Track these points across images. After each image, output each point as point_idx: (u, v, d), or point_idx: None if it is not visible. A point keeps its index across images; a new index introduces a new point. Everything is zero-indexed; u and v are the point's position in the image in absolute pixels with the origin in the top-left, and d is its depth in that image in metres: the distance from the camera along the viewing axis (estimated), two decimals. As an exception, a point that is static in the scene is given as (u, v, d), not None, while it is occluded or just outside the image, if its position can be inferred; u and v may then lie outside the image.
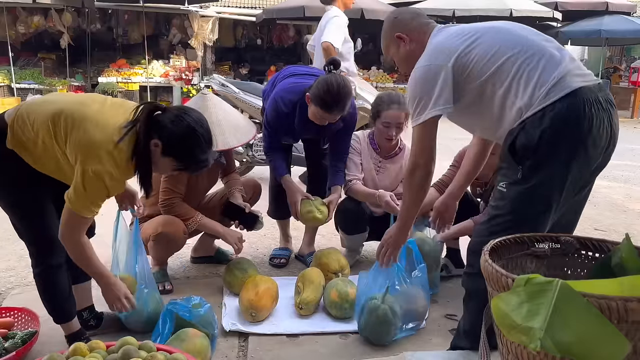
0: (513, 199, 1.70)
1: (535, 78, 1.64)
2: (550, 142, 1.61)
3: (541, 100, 1.62)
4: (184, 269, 2.88)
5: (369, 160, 2.88)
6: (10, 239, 3.29)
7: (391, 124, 2.71)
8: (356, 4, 10.17)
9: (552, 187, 1.65)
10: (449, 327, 2.28)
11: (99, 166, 1.67)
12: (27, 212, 1.85)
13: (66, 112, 1.73)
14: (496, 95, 1.71)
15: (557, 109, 1.59)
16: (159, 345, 1.51)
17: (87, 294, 2.16)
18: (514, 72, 1.67)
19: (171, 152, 1.76)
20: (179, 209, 2.49)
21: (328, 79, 2.45)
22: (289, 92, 2.64)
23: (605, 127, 1.63)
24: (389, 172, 2.90)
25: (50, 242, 1.87)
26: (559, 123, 1.59)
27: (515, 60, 1.67)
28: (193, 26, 11.46)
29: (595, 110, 1.60)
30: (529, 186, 1.66)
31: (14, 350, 1.86)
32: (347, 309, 2.28)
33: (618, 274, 1.26)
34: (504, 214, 1.73)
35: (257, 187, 2.86)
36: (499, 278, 1.15)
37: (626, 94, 12.48)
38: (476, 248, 1.83)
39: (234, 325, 2.21)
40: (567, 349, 0.96)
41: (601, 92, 1.64)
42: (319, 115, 2.51)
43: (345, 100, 2.46)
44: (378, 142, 2.87)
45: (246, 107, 4.89)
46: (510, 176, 1.71)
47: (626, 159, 6.87)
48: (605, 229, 3.80)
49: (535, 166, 1.65)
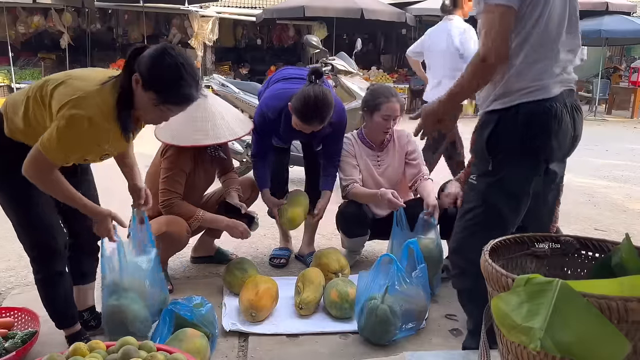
0: (482, 191, 1.77)
1: (532, 72, 1.67)
2: (521, 139, 1.67)
3: (521, 96, 1.67)
4: (184, 269, 2.88)
5: (365, 159, 2.86)
6: (11, 239, 3.29)
7: (390, 117, 2.71)
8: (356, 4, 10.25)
9: (519, 181, 1.72)
10: (449, 327, 2.28)
11: (78, 111, 1.62)
12: (25, 206, 1.83)
13: (52, 78, 1.76)
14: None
15: (531, 108, 1.66)
16: (159, 345, 1.51)
17: (88, 294, 2.16)
18: (527, 52, 1.66)
19: (151, 85, 1.66)
20: (180, 208, 2.49)
21: (307, 91, 2.43)
22: (275, 99, 2.64)
23: (570, 130, 1.71)
24: (388, 163, 2.87)
25: (50, 249, 1.87)
26: (530, 122, 1.66)
27: (543, 45, 1.66)
28: (193, 26, 11.47)
29: (563, 114, 1.67)
30: (497, 179, 1.73)
31: (14, 350, 1.86)
32: (347, 309, 2.28)
33: (618, 274, 1.26)
34: (474, 207, 1.80)
35: (254, 186, 2.86)
36: (499, 278, 1.15)
37: (626, 94, 12.47)
38: (454, 247, 1.88)
39: (234, 325, 2.21)
40: (567, 349, 0.96)
41: (569, 98, 1.71)
42: (299, 126, 2.53)
43: (324, 112, 2.45)
44: (371, 137, 2.83)
45: (246, 107, 4.90)
46: (480, 168, 1.79)
47: (626, 159, 6.87)
48: (605, 229, 3.80)
49: (504, 159, 1.71)
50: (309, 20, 11.54)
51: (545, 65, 1.66)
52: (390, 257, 2.21)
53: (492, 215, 1.75)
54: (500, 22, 1.58)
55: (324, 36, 11.15)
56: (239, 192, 2.71)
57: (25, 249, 1.92)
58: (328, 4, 10.25)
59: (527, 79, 1.66)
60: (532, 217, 1.81)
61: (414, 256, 2.27)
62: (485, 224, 1.76)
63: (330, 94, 2.50)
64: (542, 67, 1.66)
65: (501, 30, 1.58)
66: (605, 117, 11.90)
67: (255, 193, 2.88)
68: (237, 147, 4.91)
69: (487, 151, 1.74)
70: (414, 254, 2.28)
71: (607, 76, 12.93)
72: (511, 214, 1.75)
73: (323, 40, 10.20)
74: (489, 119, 1.74)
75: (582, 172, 5.78)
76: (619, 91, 12.67)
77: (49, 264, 1.90)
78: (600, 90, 11.93)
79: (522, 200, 1.74)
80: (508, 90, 1.70)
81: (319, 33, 11.02)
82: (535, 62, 1.66)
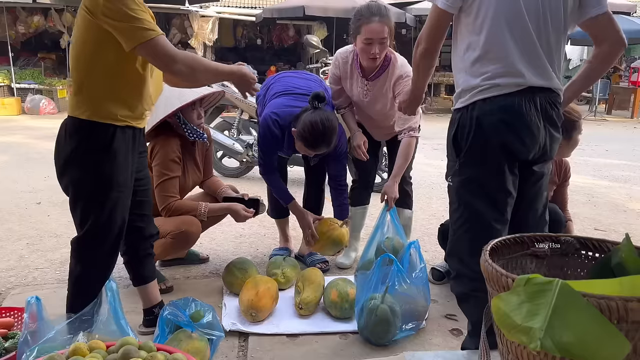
0: (457, 191, 1.80)
1: (504, 60, 1.67)
2: (478, 136, 1.69)
3: (476, 94, 1.69)
4: (184, 269, 2.88)
5: (357, 84, 2.64)
6: (11, 239, 3.30)
7: (374, 40, 2.41)
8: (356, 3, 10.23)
9: (485, 178, 1.73)
10: (449, 327, 2.28)
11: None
12: (109, 187, 1.81)
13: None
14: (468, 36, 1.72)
15: (484, 106, 1.68)
16: (159, 345, 1.51)
17: (154, 291, 2.17)
18: (498, 37, 1.67)
19: None
20: (181, 207, 2.52)
21: (312, 119, 2.38)
22: (280, 117, 2.54)
23: (537, 126, 1.70)
24: (377, 93, 2.63)
25: (120, 232, 1.88)
26: (485, 119, 1.68)
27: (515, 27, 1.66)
28: (193, 26, 11.47)
29: (525, 110, 1.67)
30: (466, 177, 1.76)
31: (14, 350, 1.86)
32: (347, 309, 2.28)
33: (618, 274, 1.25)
34: (455, 208, 1.82)
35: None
36: (499, 278, 1.15)
37: (626, 94, 12.48)
38: (448, 250, 1.91)
39: (234, 325, 2.21)
40: (567, 349, 0.96)
41: (540, 94, 1.71)
42: (304, 151, 2.52)
43: (330, 138, 2.43)
44: (361, 62, 2.58)
45: (246, 107, 4.89)
46: (451, 168, 1.81)
47: (626, 159, 6.87)
48: (605, 229, 3.80)
49: (468, 158, 1.73)
50: (309, 20, 11.54)
51: (500, 64, 1.67)
52: (390, 257, 2.21)
53: (471, 214, 1.77)
54: (435, 19, 1.75)
55: (324, 36, 11.16)
56: (234, 188, 2.77)
57: (81, 224, 1.85)
58: (328, 4, 10.24)
59: (480, 78, 1.69)
60: (518, 218, 1.81)
61: (415, 256, 2.28)
62: (468, 223, 1.78)
63: (334, 117, 2.48)
64: (495, 67, 1.67)
65: (435, 25, 1.75)
66: (605, 117, 11.90)
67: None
68: (237, 147, 4.91)
69: (454, 150, 1.77)
70: (417, 254, 2.28)
71: (607, 76, 12.92)
72: (489, 211, 1.74)
73: (323, 40, 10.23)
74: (454, 118, 1.79)
75: (582, 172, 5.78)
76: (619, 91, 12.68)
77: (105, 243, 1.86)
78: (600, 90, 11.94)
79: (497, 197, 1.74)
80: (465, 89, 1.73)
81: (319, 33, 11.02)
82: (487, 62, 1.68)
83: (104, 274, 1.89)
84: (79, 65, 1.74)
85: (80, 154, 1.77)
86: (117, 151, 1.80)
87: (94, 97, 1.75)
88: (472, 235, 1.74)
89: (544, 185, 1.87)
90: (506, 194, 1.74)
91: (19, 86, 10.39)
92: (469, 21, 1.71)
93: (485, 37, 1.68)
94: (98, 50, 1.70)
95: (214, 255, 3.09)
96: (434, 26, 1.76)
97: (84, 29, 1.70)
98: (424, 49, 1.79)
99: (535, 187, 1.84)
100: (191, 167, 2.67)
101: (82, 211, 1.83)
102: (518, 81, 1.68)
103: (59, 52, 11.53)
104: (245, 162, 5.02)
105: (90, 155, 1.77)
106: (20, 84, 10.40)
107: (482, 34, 1.68)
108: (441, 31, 1.77)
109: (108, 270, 1.92)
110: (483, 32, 1.68)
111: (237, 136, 5.03)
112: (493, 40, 1.68)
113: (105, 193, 1.81)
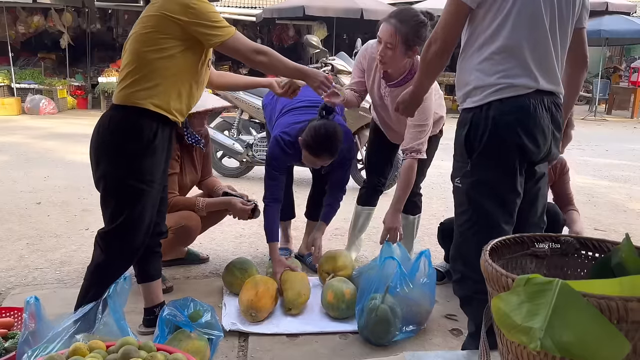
0: (467, 192, 1.77)
1: (501, 69, 1.67)
2: (492, 138, 1.68)
3: (491, 94, 1.68)
4: (184, 269, 2.88)
5: (377, 84, 2.57)
6: (11, 239, 3.30)
7: (381, 40, 2.33)
8: (356, 3, 10.24)
9: (499, 180, 1.72)
10: (449, 327, 2.28)
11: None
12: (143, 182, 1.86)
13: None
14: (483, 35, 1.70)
15: (501, 106, 1.67)
16: (159, 345, 1.51)
17: (158, 291, 2.17)
18: (493, 49, 1.67)
19: None
20: (180, 202, 2.55)
21: (317, 127, 2.40)
22: (291, 135, 2.55)
23: (548, 127, 1.71)
24: (394, 101, 2.36)
25: (147, 229, 1.91)
26: (502, 120, 1.67)
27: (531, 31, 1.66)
28: (193, 26, 11.44)
29: (539, 112, 1.68)
30: (478, 178, 1.74)
31: (14, 350, 1.86)
32: (344, 309, 2.28)
33: (618, 274, 1.25)
34: (464, 210, 1.80)
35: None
36: (499, 278, 1.15)
37: (626, 94, 12.49)
38: (453, 253, 1.89)
39: (234, 325, 2.21)
40: (567, 349, 0.96)
41: (548, 96, 1.72)
42: (309, 160, 2.52)
43: (334, 147, 2.44)
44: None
45: (246, 107, 4.89)
46: (461, 169, 1.79)
47: (626, 159, 6.87)
48: (605, 229, 3.80)
49: (480, 159, 1.72)
50: (309, 20, 11.53)
51: (516, 64, 1.67)
52: (394, 259, 2.20)
53: (480, 216, 1.75)
54: (454, 13, 1.69)
55: (324, 36, 11.15)
56: (232, 189, 2.79)
57: (113, 218, 1.89)
58: (328, 4, 10.24)
59: (496, 76, 1.67)
60: (519, 218, 1.81)
61: (425, 264, 2.26)
62: (477, 226, 1.76)
63: (340, 129, 2.47)
64: (511, 66, 1.67)
65: (453, 20, 1.70)
66: (605, 117, 11.91)
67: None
68: (237, 147, 4.91)
69: (465, 151, 1.75)
70: (426, 263, 2.27)
71: (607, 76, 12.95)
72: (499, 212, 1.73)
73: (323, 40, 10.21)
74: (465, 118, 1.76)
75: (582, 172, 5.78)
76: (619, 91, 12.69)
77: (136, 237, 1.90)
78: (600, 90, 11.94)
79: (508, 199, 1.73)
80: (477, 86, 1.71)
81: (319, 33, 11.01)
82: (503, 60, 1.67)
83: (126, 266, 1.95)
84: (140, 60, 1.83)
85: (123, 148, 1.84)
86: (157, 147, 1.87)
87: (157, 89, 1.84)
88: (481, 238, 1.68)
89: (543, 185, 1.87)
90: (516, 195, 1.74)
91: (19, 86, 10.37)
92: (490, 16, 1.67)
93: (507, 33, 1.65)
94: (174, 49, 1.83)
95: (214, 255, 3.09)
96: (452, 21, 1.70)
97: (156, 30, 1.81)
98: (439, 47, 1.71)
99: (537, 187, 1.84)
100: (188, 166, 2.70)
101: (117, 204, 1.88)
102: (531, 84, 1.68)
103: (59, 52, 11.53)
104: (245, 162, 5.02)
105: (133, 150, 1.84)
106: (20, 84, 10.38)
107: (503, 30, 1.66)
108: (459, 27, 1.72)
109: (130, 263, 1.98)
110: (505, 28, 1.65)
111: (237, 136, 5.03)
112: (513, 38, 1.65)
113: (141, 188, 1.86)
